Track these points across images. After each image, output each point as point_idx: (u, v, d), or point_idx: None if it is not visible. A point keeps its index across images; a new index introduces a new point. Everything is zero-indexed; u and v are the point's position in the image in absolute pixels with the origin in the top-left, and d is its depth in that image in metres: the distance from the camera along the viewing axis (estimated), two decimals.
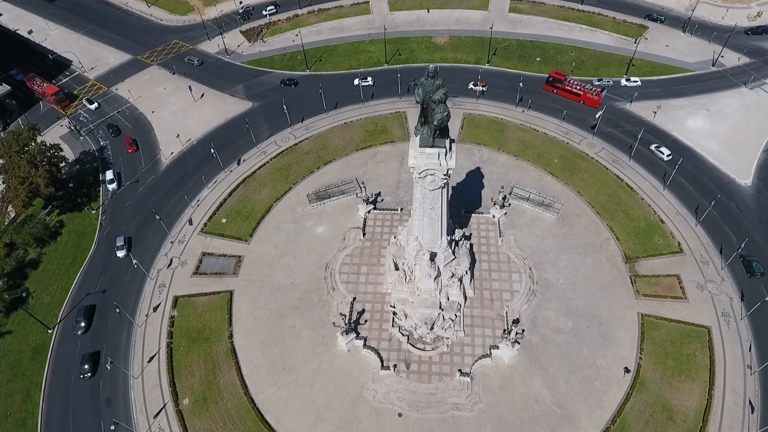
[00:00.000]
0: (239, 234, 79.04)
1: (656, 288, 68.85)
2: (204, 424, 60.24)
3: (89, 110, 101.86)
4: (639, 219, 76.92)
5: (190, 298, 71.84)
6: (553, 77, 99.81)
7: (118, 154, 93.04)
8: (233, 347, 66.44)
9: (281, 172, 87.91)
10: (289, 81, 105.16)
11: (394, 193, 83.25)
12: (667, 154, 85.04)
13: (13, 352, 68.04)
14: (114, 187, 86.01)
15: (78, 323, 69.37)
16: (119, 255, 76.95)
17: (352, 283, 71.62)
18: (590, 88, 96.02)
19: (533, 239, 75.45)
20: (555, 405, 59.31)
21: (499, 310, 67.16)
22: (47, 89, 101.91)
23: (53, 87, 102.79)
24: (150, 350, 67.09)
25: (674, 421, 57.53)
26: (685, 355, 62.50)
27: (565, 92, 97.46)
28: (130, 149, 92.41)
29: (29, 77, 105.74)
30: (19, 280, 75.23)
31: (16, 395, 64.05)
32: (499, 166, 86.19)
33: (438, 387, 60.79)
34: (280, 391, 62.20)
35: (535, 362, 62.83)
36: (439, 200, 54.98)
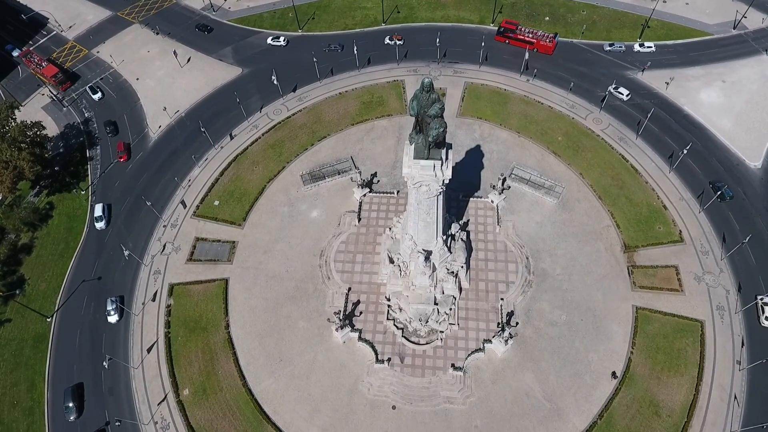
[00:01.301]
0: (232, 218, 77.69)
1: (653, 279, 68.47)
2: (204, 414, 62.41)
3: (92, 100, 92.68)
4: (641, 204, 75.00)
5: (186, 286, 71.92)
6: (504, 27, 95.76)
7: (104, 128, 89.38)
8: (230, 338, 67.40)
9: (274, 149, 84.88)
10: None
11: (390, 174, 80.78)
12: (626, 95, 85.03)
13: (14, 341, 69.27)
14: (101, 227, 76.96)
15: (67, 411, 62.49)
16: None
17: (347, 272, 71.29)
18: (542, 35, 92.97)
19: (532, 226, 74.06)
20: (545, 399, 60.96)
21: (494, 302, 67.25)
22: (46, 70, 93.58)
23: (52, 67, 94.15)
24: (148, 340, 68.11)
25: (660, 416, 59.34)
26: (676, 350, 63.31)
27: (518, 41, 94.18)
28: (121, 158, 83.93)
29: (26, 53, 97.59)
30: (13, 266, 75.07)
31: (21, 384, 65.98)
32: (500, 143, 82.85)
33: (431, 381, 62.23)
34: (278, 383, 63.85)
35: (527, 356, 63.85)
36: (434, 206, 53.14)
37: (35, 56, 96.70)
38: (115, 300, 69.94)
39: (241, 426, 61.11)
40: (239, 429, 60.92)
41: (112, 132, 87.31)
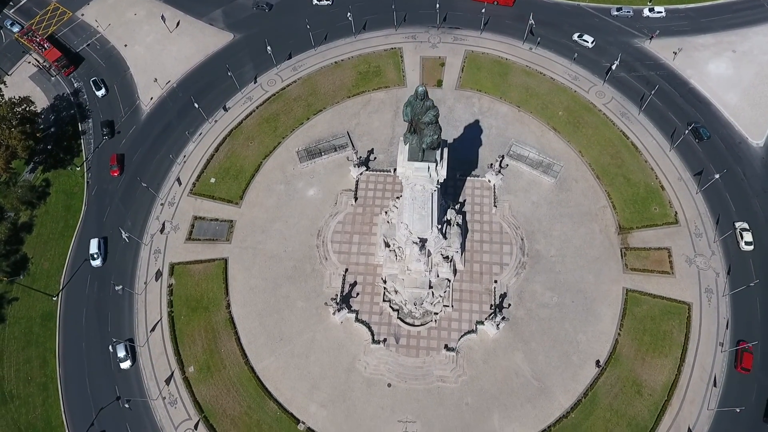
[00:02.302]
0: (229, 196, 77.64)
1: (645, 262, 69.52)
2: (210, 390, 65.68)
3: (95, 96, 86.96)
4: (639, 185, 74.62)
5: (186, 266, 73.24)
6: None
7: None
8: (231, 317, 69.54)
9: (269, 123, 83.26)
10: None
11: (387, 150, 79.75)
12: (591, 41, 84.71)
13: (23, 320, 71.55)
14: (98, 265, 73.06)
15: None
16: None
17: (344, 253, 72.31)
18: None
19: (528, 206, 74.15)
20: (533, 378, 63.88)
21: (487, 284, 68.75)
22: (48, 53, 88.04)
23: (55, 51, 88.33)
24: (152, 318, 70.30)
25: (642, 394, 62.41)
26: (662, 332, 65.48)
27: None
28: (113, 172, 79.44)
29: (27, 32, 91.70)
30: (15, 245, 76.09)
31: (34, 361, 68.92)
32: (499, 118, 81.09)
33: (425, 361, 64.93)
34: (278, 361, 66.68)
35: (518, 337, 66.16)
36: (429, 202, 53.12)
37: (37, 36, 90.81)
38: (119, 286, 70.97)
39: (245, 402, 64.54)
40: (243, 405, 64.40)
41: (108, 134, 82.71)
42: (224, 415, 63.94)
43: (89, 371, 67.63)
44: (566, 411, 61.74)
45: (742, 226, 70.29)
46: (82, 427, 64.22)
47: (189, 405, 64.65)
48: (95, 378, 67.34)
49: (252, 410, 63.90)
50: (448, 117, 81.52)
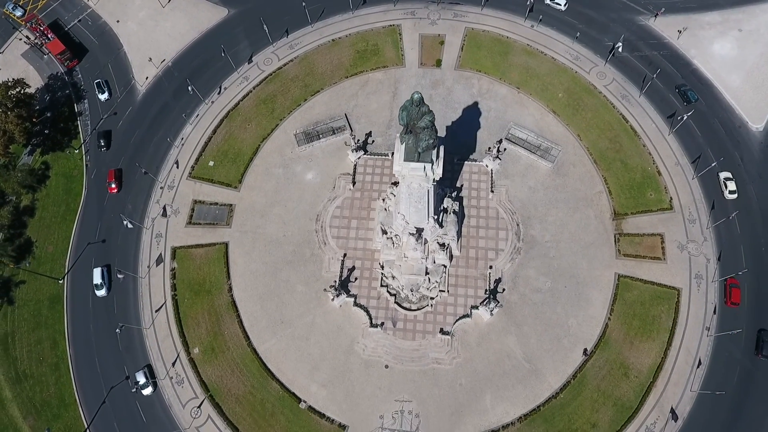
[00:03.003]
0: (228, 180, 78.09)
1: (638, 248, 70.77)
2: (215, 371, 68.54)
3: (98, 100, 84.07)
4: (636, 170, 74.84)
5: (188, 250, 74.68)
6: None
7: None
8: (233, 300, 71.54)
9: (266, 105, 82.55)
10: None
11: (385, 133, 79.48)
12: (564, 3, 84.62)
13: (31, 302, 73.69)
14: (103, 294, 71.84)
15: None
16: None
17: (342, 238, 73.53)
18: None
19: (525, 191, 74.69)
20: (525, 360, 66.48)
21: (483, 269, 70.31)
22: (51, 45, 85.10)
23: (59, 44, 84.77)
24: (156, 301, 72.39)
25: (628, 377, 65.14)
26: (651, 317, 67.54)
27: None
28: (111, 189, 77.46)
29: (31, 19, 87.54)
30: (19, 229, 77.25)
31: (44, 342, 71.54)
32: (498, 100, 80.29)
33: (421, 344, 67.39)
34: (280, 343, 69.22)
35: (511, 320, 68.34)
36: (426, 197, 53.74)
37: (42, 24, 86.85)
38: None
39: (249, 382, 67.53)
40: (247, 385, 67.41)
41: (105, 146, 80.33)
42: (229, 394, 67.11)
43: (98, 352, 70.44)
44: (555, 392, 64.71)
45: (725, 175, 72.79)
46: (94, 405, 67.55)
47: (195, 384, 67.72)
48: (104, 359, 70.17)
49: (255, 390, 66.99)
50: (446, 99, 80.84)
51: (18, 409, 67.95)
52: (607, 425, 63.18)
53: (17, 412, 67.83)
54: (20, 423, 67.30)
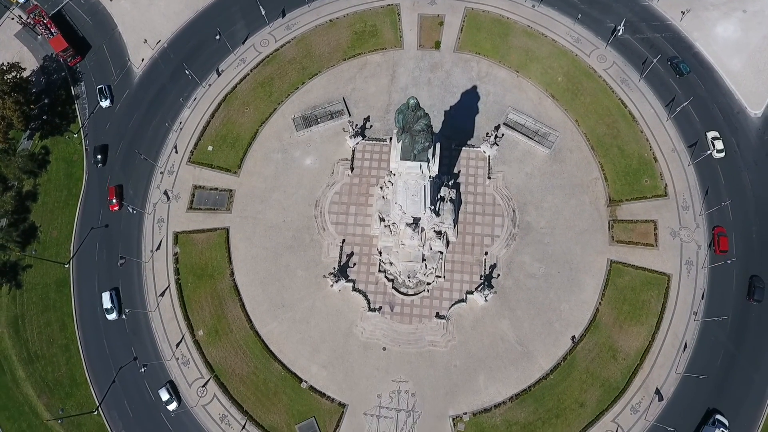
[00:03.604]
0: (227, 165, 78.95)
1: (631, 234, 72.33)
2: (219, 352, 71.43)
3: (99, 106, 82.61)
4: (633, 156, 75.53)
5: (189, 235, 76.35)
6: None
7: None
8: (235, 284, 73.72)
9: (264, 88, 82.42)
10: None
11: (383, 118, 79.76)
12: None
13: (38, 286, 75.92)
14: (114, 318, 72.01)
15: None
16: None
17: (341, 224, 75.02)
18: None
19: (521, 177, 75.66)
20: (517, 343, 69.22)
21: (478, 255, 72.15)
22: (54, 41, 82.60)
23: (62, 41, 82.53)
24: (161, 285, 74.68)
25: (616, 359, 67.99)
26: (640, 302, 69.79)
27: None
28: (112, 207, 76.74)
29: (34, 10, 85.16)
30: (23, 214, 78.63)
31: (53, 324, 74.17)
32: (497, 84, 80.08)
33: (418, 327, 69.99)
34: (281, 326, 71.85)
35: (505, 305, 70.69)
36: (422, 191, 54.82)
37: (45, 16, 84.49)
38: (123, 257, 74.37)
39: (252, 363, 70.51)
40: (250, 365, 70.42)
41: (101, 161, 78.92)
42: (233, 375, 70.23)
43: (106, 334, 73.21)
44: (546, 373, 67.70)
45: (713, 135, 74.66)
46: (104, 384, 70.78)
47: (200, 365, 70.73)
48: (112, 340, 72.95)
49: (258, 370, 70.07)
50: (445, 83, 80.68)
51: (32, 387, 71.25)
52: (595, 404, 66.47)
53: (31, 391, 71.17)
54: (35, 401, 70.74)
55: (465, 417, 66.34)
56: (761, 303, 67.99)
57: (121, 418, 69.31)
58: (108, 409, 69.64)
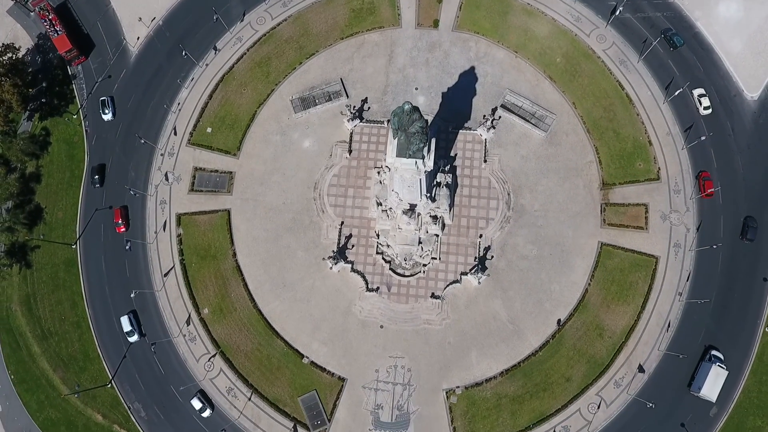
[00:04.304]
0: (227, 146, 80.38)
1: (622, 217, 74.69)
2: (224, 330, 75.30)
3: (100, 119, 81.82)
4: (628, 139, 76.83)
5: (192, 216, 78.76)
6: None
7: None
8: (238, 265, 76.76)
9: (261, 68, 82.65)
10: None
11: (381, 100, 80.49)
12: None
13: (47, 266, 79.01)
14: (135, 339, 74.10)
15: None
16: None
17: (339, 206, 77.26)
18: None
19: (517, 160, 77.25)
20: (509, 322, 72.95)
21: (473, 238, 74.81)
22: (58, 41, 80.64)
23: (65, 41, 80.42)
24: (165, 265, 77.62)
25: (602, 337, 71.86)
26: (628, 283, 72.99)
27: None
28: (119, 229, 77.37)
29: (39, 3, 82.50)
30: (28, 196, 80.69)
31: (64, 303, 77.77)
32: (495, 65, 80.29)
33: (414, 307, 73.55)
34: (283, 305, 75.42)
35: (498, 286, 73.96)
36: (418, 182, 56.65)
37: (51, 12, 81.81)
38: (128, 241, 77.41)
39: (256, 339, 74.52)
40: (254, 342, 74.45)
41: (99, 182, 79.10)
42: (238, 350, 74.39)
43: (115, 313, 76.87)
44: (535, 350, 71.79)
45: (699, 92, 76.40)
46: (116, 359, 75.12)
47: (207, 342, 74.77)
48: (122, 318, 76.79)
49: (262, 346, 74.18)
50: (443, 63, 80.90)
51: (47, 362, 75.62)
52: (580, 379, 70.88)
53: (47, 365, 75.60)
54: (51, 375, 75.27)
55: (458, 390, 70.92)
56: (753, 242, 72.19)
57: (134, 390, 74.06)
58: (120, 382, 74.25)
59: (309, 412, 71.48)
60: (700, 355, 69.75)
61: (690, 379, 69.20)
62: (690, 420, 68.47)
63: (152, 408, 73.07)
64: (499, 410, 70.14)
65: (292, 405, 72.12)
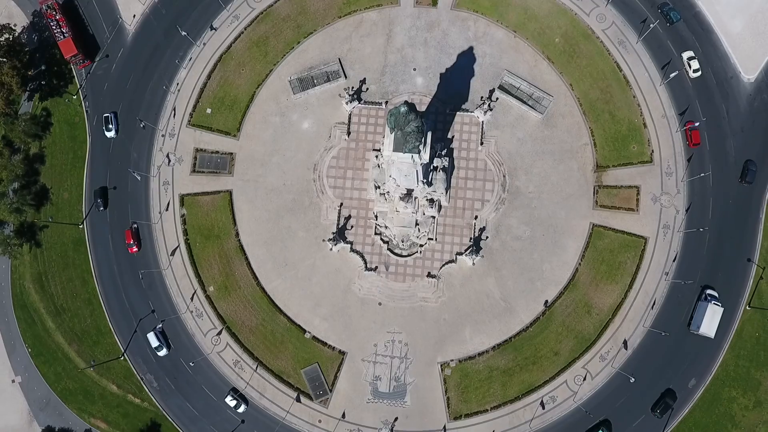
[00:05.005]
0: (227, 127, 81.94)
1: (614, 199, 77.22)
2: (229, 306, 79.41)
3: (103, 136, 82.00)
4: (623, 122, 78.28)
5: (195, 197, 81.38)
6: None
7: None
8: (241, 245, 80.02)
9: (259, 48, 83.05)
10: None
11: (379, 81, 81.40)
12: None
13: (57, 245, 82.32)
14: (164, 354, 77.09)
15: None
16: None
17: (338, 188, 79.70)
18: None
19: (513, 142, 78.99)
20: (501, 299, 76.85)
21: (469, 219, 77.64)
22: (63, 44, 79.33)
23: (71, 46, 79.19)
24: (171, 245, 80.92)
25: (590, 314, 75.89)
26: (617, 263, 76.35)
27: None
28: (130, 249, 79.25)
29: (46, 2, 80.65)
30: (33, 176, 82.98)
31: (75, 281, 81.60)
32: (494, 46, 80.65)
33: (411, 285, 77.32)
34: (285, 283, 79.16)
35: (492, 265, 77.41)
36: (414, 172, 58.80)
37: (58, 12, 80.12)
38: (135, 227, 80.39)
39: (260, 315, 78.74)
40: (258, 317, 78.70)
41: (102, 204, 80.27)
42: (243, 326, 78.75)
43: (125, 290, 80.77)
44: (526, 326, 76.04)
45: (688, 55, 77.52)
46: (127, 334, 79.65)
47: (213, 318, 79.06)
48: (131, 296, 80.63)
49: (266, 322, 78.49)
50: (441, 43, 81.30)
51: (62, 336, 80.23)
52: (568, 353, 75.46)
53: (62, 340, 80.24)
54: (66, 348, 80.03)
55: (452, 363, 75.69)
56: (751, 185, 75.33)
57: (145, 362, 78.97)
58: (132, 355, 79.04)
59: (312, 383, 76.56)
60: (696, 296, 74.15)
61: (689, 319, 73.88)
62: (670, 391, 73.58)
63: (164, 379, 78.20)
64: (491, 382, 75.17)
65: (296, 376, 77.20)
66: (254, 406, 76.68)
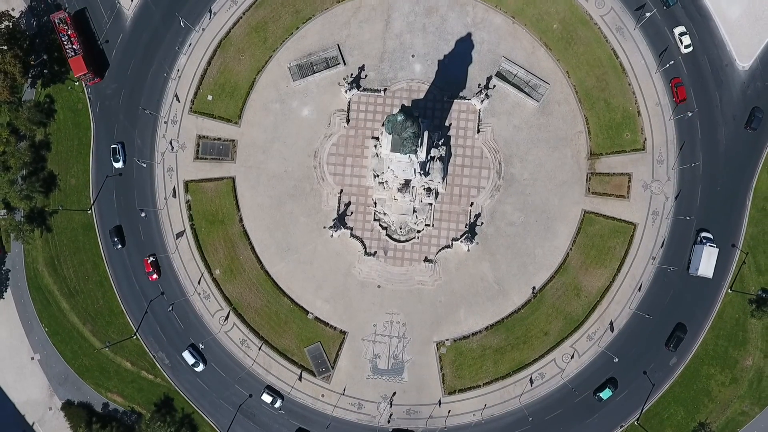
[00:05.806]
0: (228, 114, 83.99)
1: (606, 186, 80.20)
2: (235, 288, 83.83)
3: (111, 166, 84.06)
4: (617, 110, 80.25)
5: (199, 183, 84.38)
6: None
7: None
8: (245, 230, 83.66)
9: (258, 33, 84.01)
10: None
11: (378, 68, 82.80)
12: None
13: (67, 230, 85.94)
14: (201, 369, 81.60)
15: None
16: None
17: (338, 174, 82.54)
18: None
19: (509, 130, 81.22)
20: (495, 282, 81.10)
21: (465, 205, 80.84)
22: (74, 61, 79.30)
23: (81, 64, 78.93)
24: (177, 229, 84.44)
25: (579, 297, 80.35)
26: (606, 248, 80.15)
27: None
28: (151, 278, 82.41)
29: (59, 17, 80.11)
30: (41, 163, 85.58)
31: (86, 264, 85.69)
32: (492, 32, 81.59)
33: (408, 269, 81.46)
34: (288, 266, 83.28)
35: (486, 250, 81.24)
36: (410, 167, 61.48)
37: (70, 28, 79.67)
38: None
39: (264, 297, 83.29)
40: (263, 299, 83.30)
41: (119, 242, 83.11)
42: (249, 307, 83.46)
43: (135, 274, 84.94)
44: (518, 307, 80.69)
45: (680, 30, 78.81)
46: (138, 315, 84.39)
47: (220, 299, 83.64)
48: (140, 279, 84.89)
49: (270, 304, 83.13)
50: (440, 29, 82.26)
51: (77, 317, 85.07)
52: (557, 333, 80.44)
53: (77, 320, 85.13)
54: (81, 328, 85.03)
55: (447, 342, 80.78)
56: (756, 131, 77.86)
57: (157, 341, 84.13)
58: (144, 335, 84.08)
59: (314, 360, 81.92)
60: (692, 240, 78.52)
61: (687, 263, 78.51)
62: (651, 369, 78.93)
63: (175, 357, 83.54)
64: (484, 359, 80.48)
65: (299, 354, 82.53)
66: (262, 382, 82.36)
